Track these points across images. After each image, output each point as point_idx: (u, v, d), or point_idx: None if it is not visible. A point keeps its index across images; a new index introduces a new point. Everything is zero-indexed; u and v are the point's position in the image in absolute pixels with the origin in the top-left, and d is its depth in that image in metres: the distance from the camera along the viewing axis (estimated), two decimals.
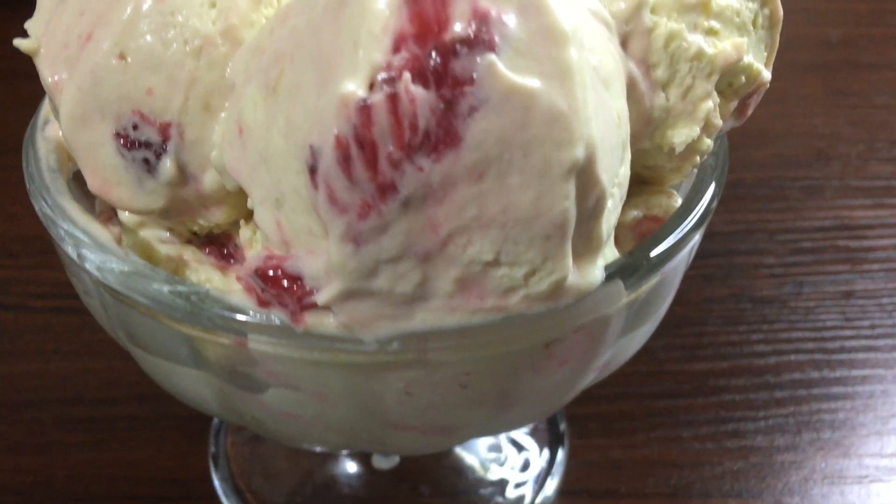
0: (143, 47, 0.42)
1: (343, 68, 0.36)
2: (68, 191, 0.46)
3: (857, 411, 0.75)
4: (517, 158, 0.36)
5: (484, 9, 0.36)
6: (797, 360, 0.79)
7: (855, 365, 0.79)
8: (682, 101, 0.46)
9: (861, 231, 0.96)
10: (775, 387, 0.76)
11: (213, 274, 0.47)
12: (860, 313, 0.84)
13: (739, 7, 0.47)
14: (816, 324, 0.83)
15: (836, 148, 1.08)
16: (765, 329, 0.82)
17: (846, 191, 1.02)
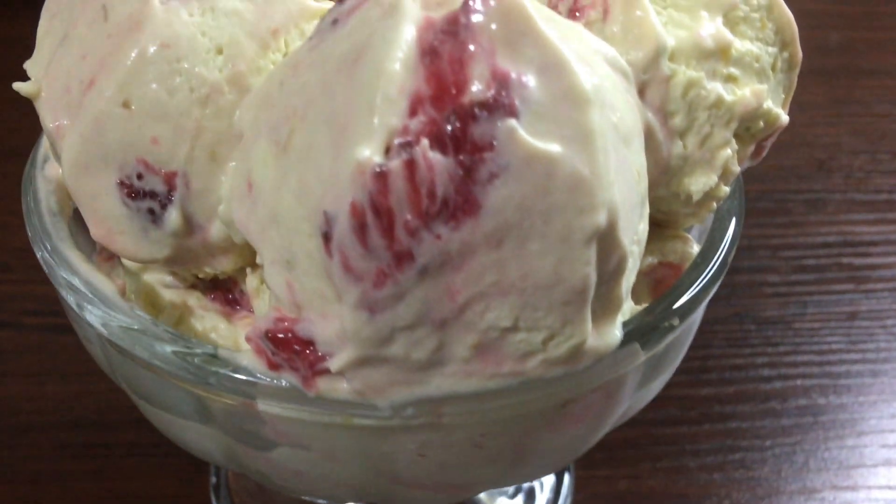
0: (147, 95, 0.41)
1: (358, 132, 0.35)
2: (70, 236, 0.45)
3: (864, 440, 0.74)
4: (537, 224, 0.35)
5: (503, 70, 0.35)
6: (803, 385, 0.78)
7: (862, 391, 0.78)
8: (700, 148, 0.45)
9: (865, 248, 0.95)
10: (782, 414, 0.76)
11: (219, 322, 0.46)
12: (865, 336, 0.84)
13: (759, 52, 0.46)
14: (821, 346, 0.82)
15: (837, 159, 1.07)
16: (769, 352, 0.81)
17: (849, 205, 1.01)
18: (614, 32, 0.43)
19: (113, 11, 0.42)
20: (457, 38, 0.36)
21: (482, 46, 0.35)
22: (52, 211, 0.46)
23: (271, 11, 0.43)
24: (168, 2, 0.42)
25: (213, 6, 0.42)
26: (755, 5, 0.45)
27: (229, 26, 0.42)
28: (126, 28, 0.41)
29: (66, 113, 0.42)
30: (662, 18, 0.44)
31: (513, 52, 0.36)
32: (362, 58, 0.36)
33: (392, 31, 0.36)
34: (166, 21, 0.41)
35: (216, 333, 0.45)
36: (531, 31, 0.36)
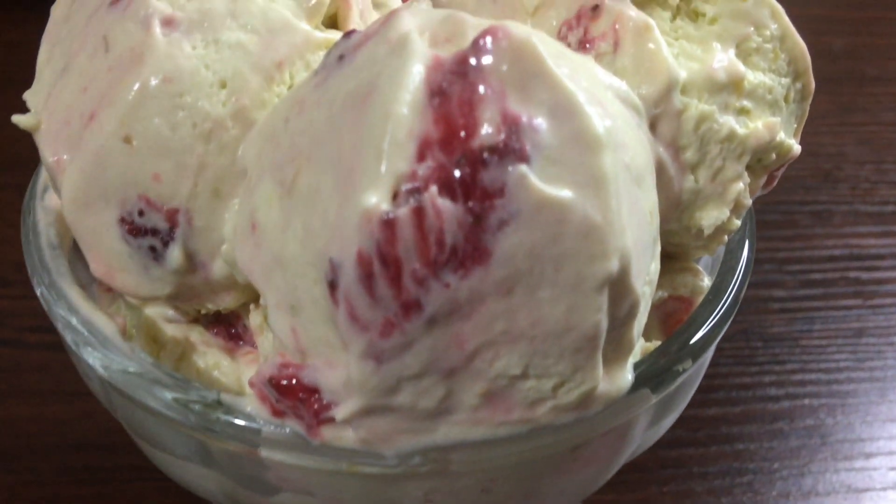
0: (149, 130, 0.40)
1: (365, 177, 0.34)
2: (70, 271, 0.44)
3: (873, 462, 0.73)
4: (548, 272, 0.34)
5: (514, 113, 0.34)
6: (810, 404, 0.78)
7: (870, 411, 0.77)
8: (712, 182, 0.44)
9: (871, 261, 0.94)
10: (790, 434, 0.75)
11: (222, 359, 0.45)
12: (873, 353, 0.83)
13: (772, 84, 0.45)
14: (829, 364, 0.81)
15: (843, 169, 1.06)
16: (777, 370, 0.80)
17: (855, 216, 1.00)
18: (625, 65, 0.42)
19: (114, 43, 0.41)
20: (466, 79, 0.35)
21: (492, 88, 0.34)
22: (51, 244, 0.45)
23: (276, 44, 0.42)
24: (170, 34, 0.41)
25: (216, 38, 0.41)
26: (768, 36, 0.44)
27: (233, 59, 0.41)
28: (127, 61, 0.40)
29: (66, 147, 0.41)
30: (674, 50, 0.43)
31: (523, 93, 0.35)
32: (370, 99, 0.35)
33: (400, 71, 0.35)
34: (168, 54, 0.40)
35: (219, 371, 0.44)
36: (542, 73, 0.35)
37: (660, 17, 0.44)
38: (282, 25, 0.42)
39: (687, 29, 0.44)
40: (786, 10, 0.46)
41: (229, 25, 0.41)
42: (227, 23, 0.41)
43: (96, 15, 0.42)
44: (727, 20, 0.44)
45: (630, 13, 0.42)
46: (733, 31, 0.44)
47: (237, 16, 0.41)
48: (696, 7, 0.44)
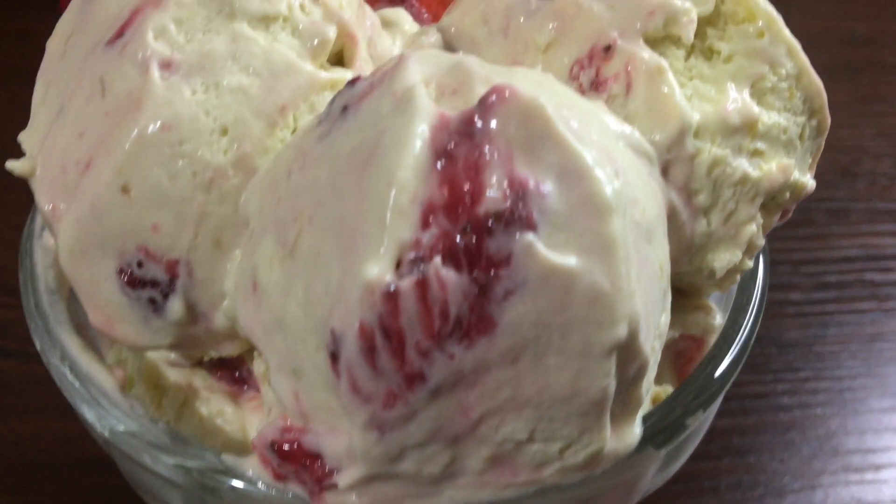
0: (147, 180, 0.39)
1: (367, 245, 0.33)
2: (68, 319, 0.43)
3: (883, 475, 0.72)
4: (555, 339, 0.33)
5: (521, 178, 0.33)
6: (822, 413, 0.77)
7: (882, 421, 0.76)
8: (724, 224, 0.43)
9: (888, 262, 0.92)
10: (801, 446, 0.74)
11: (226, 405, 0.44)
12: (886, 360, 0.81)
13: (787, 124, 0.43)
14: (842, 372, 0.80)
15: (861, 164, 1.04)
16: (790, 378, 0.79)
17: (872, 215, 0.98)
18: (637, 108, 0.41)
19: (111, 87, 0.40)
20: (472, 141, 0.34)
21: (499, 151, 0.33)
22: (49, 288, 0.44)
23: (279, 87, 0.40)
24: (169, 77, 0.40)
25: (216, 82, 0.40)
26: (784, 75, 0.43)
27: (234, 104, 0.40)
28: (125, 106, 0.39)
29: (62, 195, 0.40)
30: (687, 91, 0.42)
31: (531, 156, 0.34)
32: (373, 160, 0.34)
33: (404, 131, 0.34)
34: (167, 100, 0.39)
35: (223, 419, 0.44)
36: (550, 134, 0.34)
37: (673, 55, 0.42)
38: (285, 67, 0.41)
39: (701, 68, 0.42)
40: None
41: (230, 68, 0.40)
42: (227, 65, 0.40)
43: (92, 55, 0.41)
44: (742, 59, 0.42)
45: (643, 55, 0.41)
46: (748, 71, 0.42)
47: (238, 57, 0.40)
48: (711, 45, 0.43)
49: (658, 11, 0.41)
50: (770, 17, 0.43)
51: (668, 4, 0.41)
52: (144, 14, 0.40)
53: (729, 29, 0.43)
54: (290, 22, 0.42)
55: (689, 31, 0.42)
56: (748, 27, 0.43)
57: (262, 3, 0.41)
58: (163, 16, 0.40)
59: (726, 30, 0.43)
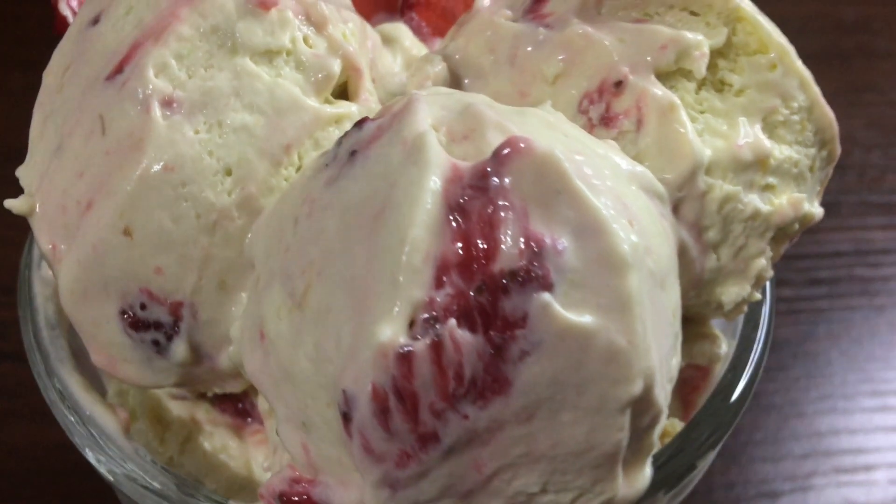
0: (150, 223, 0.38)
1: (380, 305, 0.32)
2: (70, 355, 0.42)
3: (874, 475, 0.73)
4: (570, 396, 0.33)
5: (537, 234, 0.33)
6: (813, 412, 0.77)
7: (872, 421, 0.77)
8: (734, 259, 0.43)
9: (877, 256, 0.93)
10: (793, 446, 0.74)
11: (229, 440, 0.44)
12: (878, 360, 0.82)
13: (798, 157, 0.43)
14: (832, 370, 0.80)
15: (851, 155, 1.04)
16: (781, 377, 0.80)
17: (863, 208, 0.98)
18: (648, 145, 0.40)
19: (111, 124, 0.39)
20: (486, 195, 0.33)
21: (514, 206, 0.33)
22: (49, 322, 0.43)
23: (284, 125, 0.39)
24: (171, 116, 0.38)
25: (220, 121, 0.39)
26: (795, 108, 0.42)
27: (238, 144, 0.39)
28: (126, 146, 0.38)
29: (62, 235, 0.40)
30: (698, 126, 0.41)
31: (547, 211, 0.33)
32: (385, 215, 0.33)
33: (416, 184, 0.33)
34: (169, 139, 0.38)
35: (226, 454, 0.43)
36: (567, 189, 0.33)
37: (684, 88, 0.41)
38: (289, 104, 0.40)
39: (712, 101, 0.42)
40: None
41: (234, 106, 0.39)
42: (231, 103, 0.39)
43: (91, 90, 0.40)
44: (754, 92, 0.42)
45: (655, 91, 0.40)
46: (760, 104, 0.42)
47: (242, 94, 0.39)
48: (723, 77, 0.42)
49: (670, 45, 0.41)
50: (783, 49, 0.42)
51: (680, 38, 0.41)
52: (144, 49, 0.39)
53: (740, 60, 0.42)
54: (294, 56, 0.41)
55: (700, 66, 0.41)
56: (760, 59, 0.42)
57: (265, 37, 0.40)
58: (163, 51, 0.39)
59: (737, 61, 0.42)
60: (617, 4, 0.42)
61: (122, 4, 0.41)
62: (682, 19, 0.42)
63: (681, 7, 0.42)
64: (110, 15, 0.41)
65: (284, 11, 0.41)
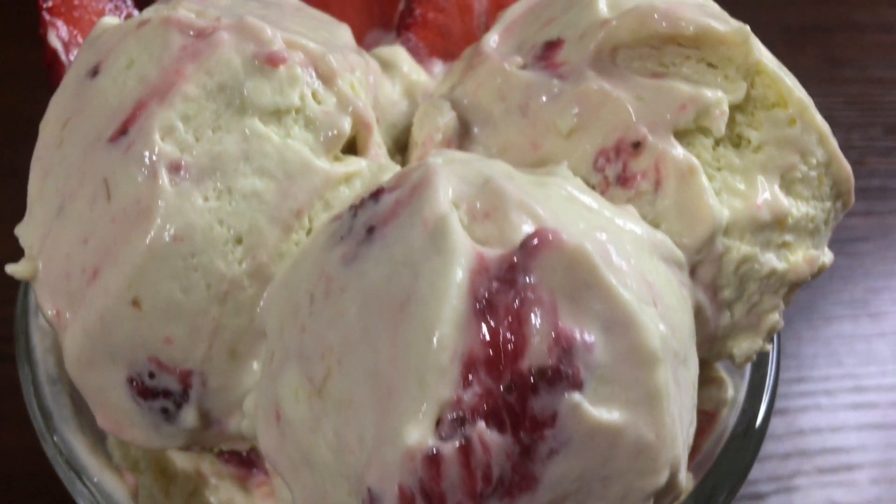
0: (160, 294, 0.37)
1: (407, 405, 0.31)
2: (74, 414, 0.41)
3: (855, 475, 0.74)
4: (596, 489, 0.33)
5: (566, 331, 0.32)
6: (795, 410, 0.78)
7: (855, 418, 0.77)
8: (747, 315, 0.42)
9: (857, 245, 0.93)
10: (776, 445, 0.75)
11: (236, 494, 0.43)
12: (858, 356, 0.82)
13: (815, 213, 0.42)
14: (813, 373, 0.81)
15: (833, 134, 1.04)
16: None
17: None
18: (667, 208, 0.40)
19: (117, 190, 0.37)
20: (514, 288, 0.32)
21: (542, 301, 0.32)
22: (50, 377, 0.42)
23: (294, 189, 0.38)
24: (179, 182, 0.37)
25: (229, 186, 0.38)
26: (814, 164, 0.42)
27: (249, 211, 0.38)
28: (133, 214, 0.37)
29: (66, 302, 0.38)
30: (716, 184, 0.40)
31: (576, 305, 0.32)
32: (409, 309, 0.32)
33: (441, 278, 0.32)
34: (178, 208, 0.37)
35: None
36: (597, 283, 0.33)
37: (702, 145, 0.41)
38: (300, 167, 0.38)
39: (730, 158, 0.41)
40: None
41: (243, 171, 0.38)
42: (240, 167, 0.38)
43: (93, 150, 0.38)
44: (772, 148, 0.41)
45: (673, 153, 0.40)
46: (778, 161, 0.41)
47: (251, 158, 0.38)
48: (741, 132, 0.41)
49: (689, 105, 0.40)
50: (803, 104, 0.41)
51: (700, 97, 0.40)
52: (149, 110, 0.38)
53: (758, 114, 0.41)
54: (303, 113, 0.39)
55: (720, 125, 0.40)
56: (779, 113, 0.41)
57: (273, 96, 0.39)
58: (169, 113, 0.38)
59: (755, 115, 0.41)
60: (632, 54, 0.41)
61: (123, 56, 0.40)
62: (700, 71, 0.41)
63: (698, 58, 0.41)
64: (110, 67, 0.40)
65: (293, 67, 0.39)
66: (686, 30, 0.40)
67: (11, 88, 0.79)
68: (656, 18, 0.40)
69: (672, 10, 0.40)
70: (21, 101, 0.69)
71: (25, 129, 0.45)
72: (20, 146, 0.44)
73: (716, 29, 0.40)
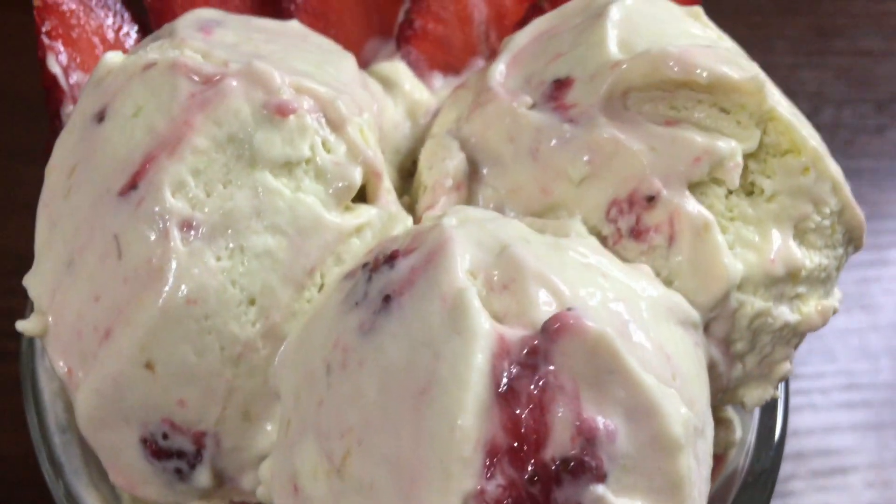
0: (173, 357, 0.37)
1: (431, 497, 0.31)
2: (85, 465, 0.41)
3: (850, 479, 0.74)
4: None
5: (589, 420, 0.32)
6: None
7: (847, 419, 0.78)
8: (759, 365, 0.42)
9: None
10: None
11: None
12: (851, 352, 0.82)
13: (827, 262, 0.42)
14: (804, 370, 0.81)
15: (822, 112, 1.03)
16: None
17: None
18: (681, 264, 0.39)
19: (128, 248, 0.37)
20: (536, 373, 0.32)
21: (564, 388, 0.32)
22: (60, 425, 0.42)
23: (307, 247, 0.38)
24: (191, 241, 0.36)
25: (242, 246, 0.37)
26: (827, 213, 0.41)
27: (262, 271, 0.37)
28: (145, 274, 0.36)
29: (78, 361, 0.38)
30: (729, 236, 0.40)
31: (599, 392, 0.32)
32: (430, 394, 0.32)
33: (463, 363, 0.32)
34: (191, 269, 0.36)
35: None
36: (619, 369, 0.32)
37: (714, 195, 0.40)
38: (312, 224, 0.38)
39: (743, 207, 0.40)
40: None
41: (255, 228, 0.37)
42: (252, 224, 0.37)
43: (102, 203, 0.37)
44: (786, 198, 0.40)
45: (688, 209, 0.39)
46: (792, 211, 0.40)
47: (263, 214, 0.37)
48: (754, 180, 0.40)
49: (704, 158, 0.39)
50: (816, 153, 0.41)
51: (715, 150, 0.39)
52: (159, 164, 0.37)
53: (771, 161, 0.41)
54: (314, 164, 0.39)
55: (734, 178, 0.40)
56: (792, 161, 0.40)
57: (284, 147, 0.38)
58: (179, 167, 0.37)
59: (768, 161, 0.41)
60: (644, 97, 0.40)
61: (129, 103, 0.39)
62: (712, 116, 0.40)
63: (710, 103, 0.40)
64: (117, 113, 0.39)
65: (303, 117, 0.38)
66: (699, 77, 0.39)
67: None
68: (669, 65, 0.39)
69: (685, 56, 0.40)
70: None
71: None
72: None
73: (730, 77, 0.39)
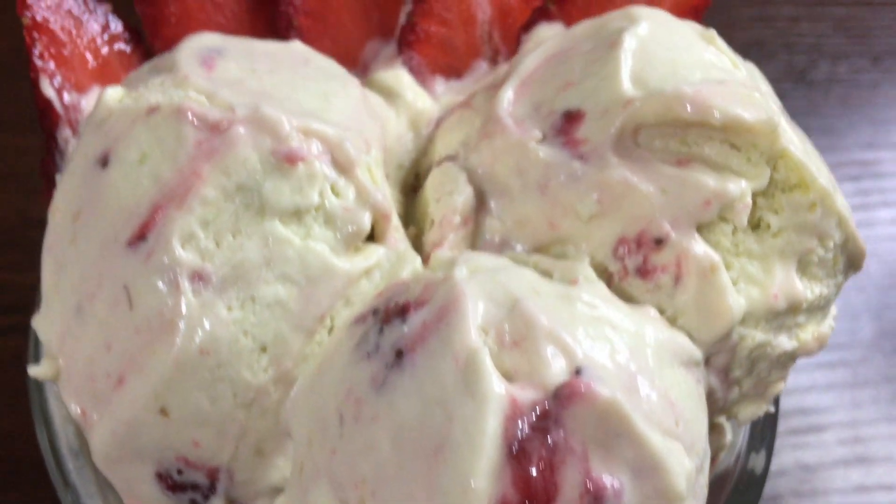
0: (187, 404, 0.37)
1: None
2: (99, 490, 0.42)
3: (824, 437, 0.77)
4: None
5: (597, 480, 0.33)
6: None
7: (824, 378, 0.79)
8: (755, 387, 0.44)
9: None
10: None
11: None
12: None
13: (828, 292, 0.43)
14: None
15: (818, 68, 1.02)
16: None
17: (830, 133, 0.98)
18: (686, 303, 0.40)
19: (139, 299, 0.37)
20: (546, 436, 0.33)
21: (574, 450, 0.33)
22: (72, 449, 0.43)
23: (317, 295, 0.38)
24: (201, 292, 0.37)
25: (252, 296, 0.37)
26: (831, 246, 0.42)
27: (273, 321, 0.38)
28: (157, 326, 0.37)
29: (92, 404, 0.39)
30: (734, 273, 0.40)
31: (607, 453, 0.34)
32: (444, 455, 0.33)
33: (476, 427, 0.33)
34: (202, 321, 0.37)
35: None
36: (628, 432, 0.34)
37: (721, 232, 0.40)
38: (321, 271, 0.38)
39: (748, 243, 0.41)
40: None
41: (265, 277, 0.38)
42: (262, 274, 0.38)
43: (110, 252, 0.38)
44: (791, 234, 0.41)
45: (695, 251, 0.40)
46: (797, 246, 0.41)
47: (273, 264, 0.38)
48: (761, 216, 0.41)
49: (714, 202, 0.40)
50: (825, 192, 0.41)
51: (725, 193, 0.40)
52: (167, 215, 0.37)
53: (779, 197, 0.41)
54: (323, 210, 0.39)
55: (742, 219, 0.40)
56: (799, 197, 0.41)
57: (293, 196, 0.38)
58: (188, 218, 0.37)
59: (776, 196, 0.41)
60: (655, 133, 0.41)
61: (134, 148, 0.39)
62: (723, 153, 0.40)
63: (722, 140, 0.40)
64: (121, 160, 0.39)
65: (311, 164, 0.39)
66: (713, 119, 0.40)
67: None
68: (684, 106, 0.40)
69: (700, 97, 0.39)
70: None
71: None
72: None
73: (744, 120, 0.40)
